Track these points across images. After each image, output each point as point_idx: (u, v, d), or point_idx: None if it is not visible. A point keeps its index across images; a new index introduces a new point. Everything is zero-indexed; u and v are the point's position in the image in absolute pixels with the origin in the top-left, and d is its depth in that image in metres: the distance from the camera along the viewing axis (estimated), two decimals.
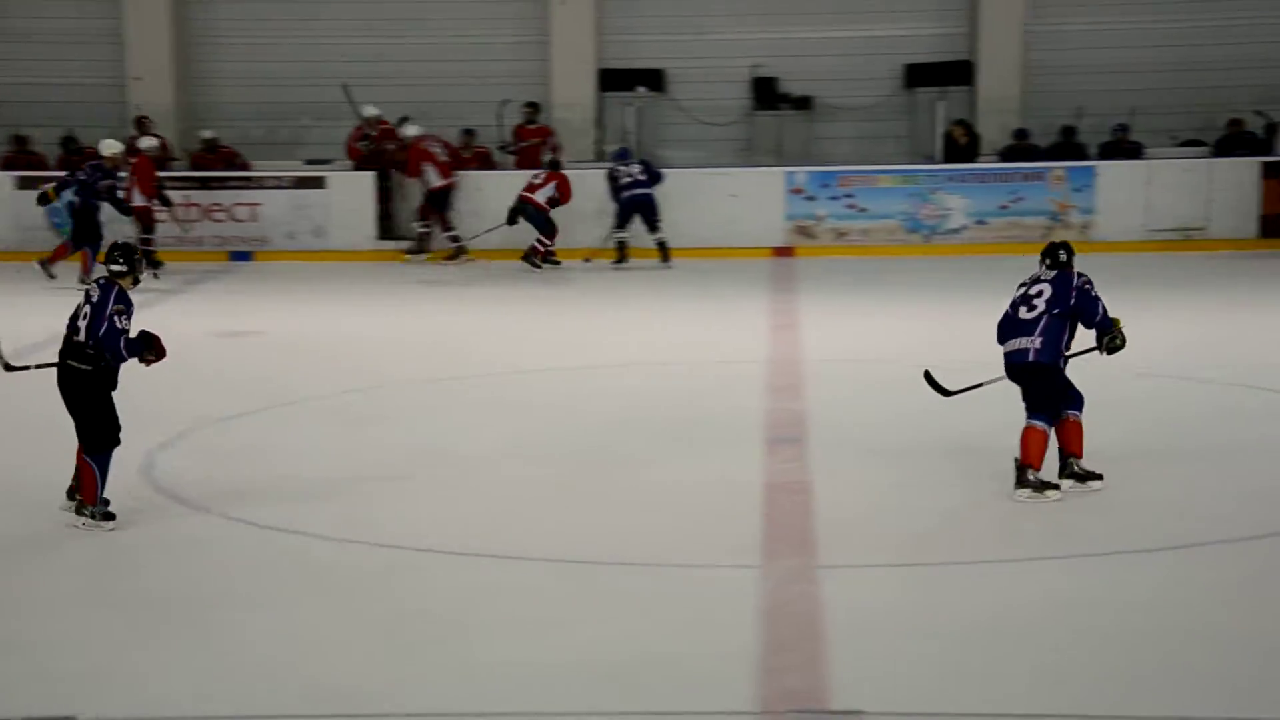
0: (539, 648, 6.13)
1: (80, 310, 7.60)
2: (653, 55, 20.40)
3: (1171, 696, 5.59)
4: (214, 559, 7.34)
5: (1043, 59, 19.99)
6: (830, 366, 11.68)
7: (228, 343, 13.10)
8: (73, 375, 7.57)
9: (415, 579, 7.05)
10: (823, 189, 18.34)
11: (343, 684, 5.80)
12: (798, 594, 6.70)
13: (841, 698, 5.57)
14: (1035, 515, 7.81)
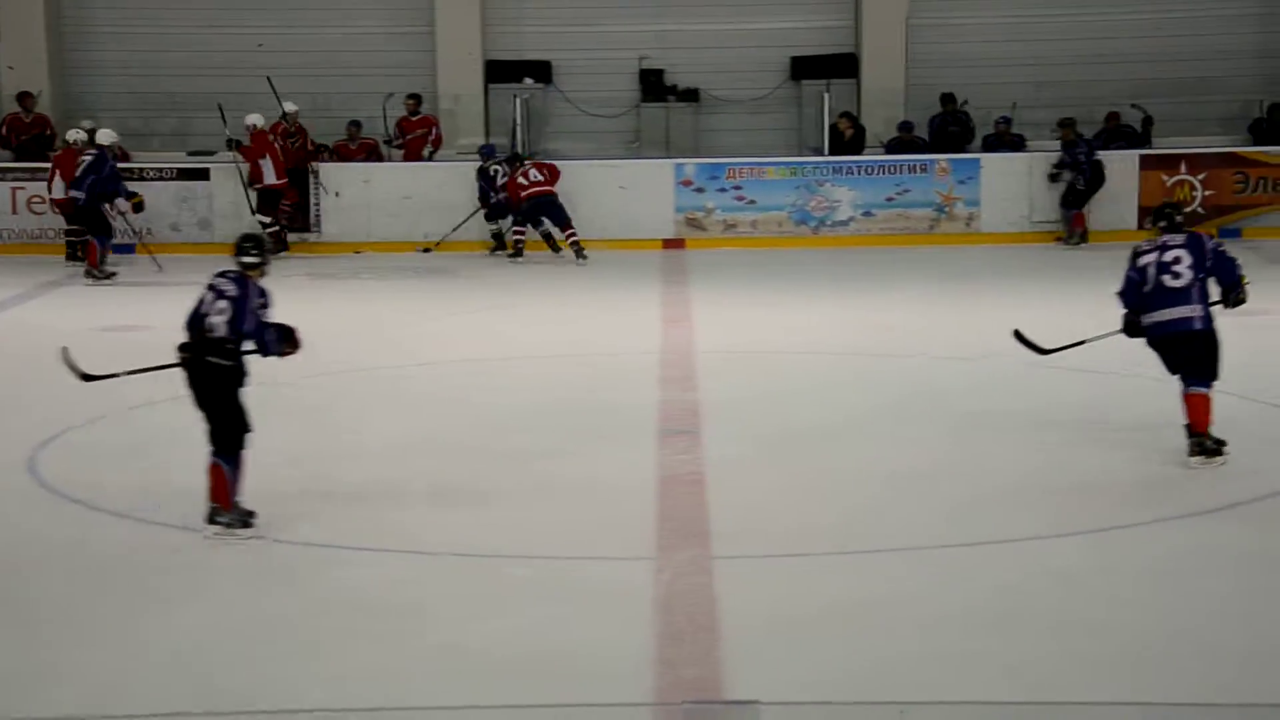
0: (435, 641, 6.11)
1: (207, 306, 7.32)
2: (540, 47, 20.36)
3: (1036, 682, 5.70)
4: (102, 557, 7.23)
5: (926, 52, 20.22)
6: (723, 358, 11.75)
7: (112, 337, 12.88)
8: (211, 372, 7.29)
9: (313, 574, 6.99)
10: (711, 181, 18.42)
11: (240, 682, 5.75)
12: (692, 586, 6.73)
13: (736, 688, 5.61)
14: (925, 503, 7.92)
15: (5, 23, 19.87)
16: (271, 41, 20.12)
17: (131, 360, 11.95)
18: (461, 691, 5.65)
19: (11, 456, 8.81)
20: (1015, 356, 9.35)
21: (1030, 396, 10.20)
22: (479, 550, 7.24)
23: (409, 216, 18.05)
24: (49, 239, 17.86)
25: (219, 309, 7.35)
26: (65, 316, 14.05)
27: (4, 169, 18.34)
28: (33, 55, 19.87)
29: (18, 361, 11.92)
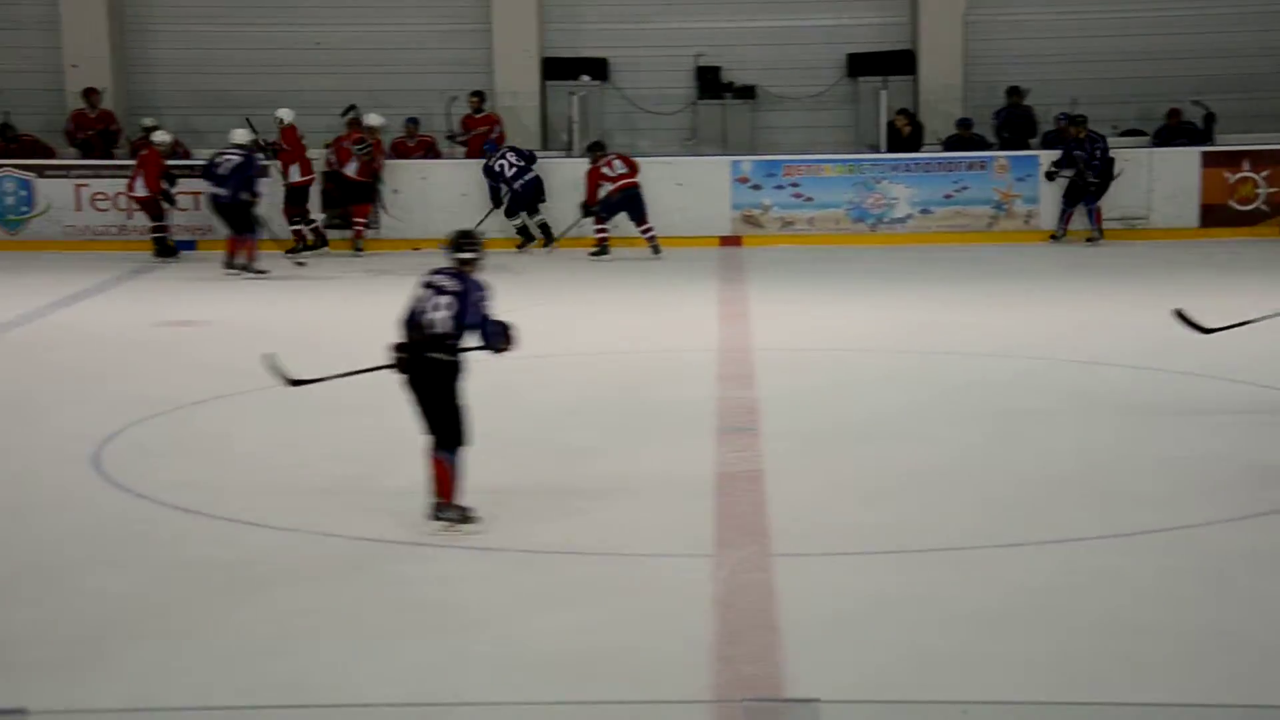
0: (492, 637, 6.12)
1: (424, 303, 7.33)
2: (597, 44, 20.38)
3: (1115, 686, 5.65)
4: (164, 552, 7.29)
5: (984, 48, 20.11)
6: (780, 355, 11.72)
7: (174, 332, 13.00)
8: (434, 369, 7.31)
9: (372, 571, 7.02)
10: (768, 178, 18.39)
11: (295, 677, 5.78)
12: (751, 583, 6.72)
13: (796, 686, 5.59)
14: (980, 503, 7.87)
15: (68, 21, 20.07)
16: (329, 39, 20.25)
17: (188, 354, 12.07)
18: (519, 688, 5.66)
19: (75, 451, 8.89)
20: (1068, 355, 9.28)
21: (1084, 394, 10.13)
22: (535, 546, 7.25)
23: (466, 213, 18.07)
24: (112, 235, 18.04)
25: (441, 305, 7.35)
26: (127, 312, 14.18)
27: (69, 166, 18.51)
28: (95, 53, 20.06)
29: (81, 357, 12.03)
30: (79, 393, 10.62)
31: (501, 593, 6.66)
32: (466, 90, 19.36)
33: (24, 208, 18.18)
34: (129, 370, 11.41)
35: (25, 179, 18.18)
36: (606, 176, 17.19)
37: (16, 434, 9.46)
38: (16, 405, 10.29)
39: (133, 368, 11.52)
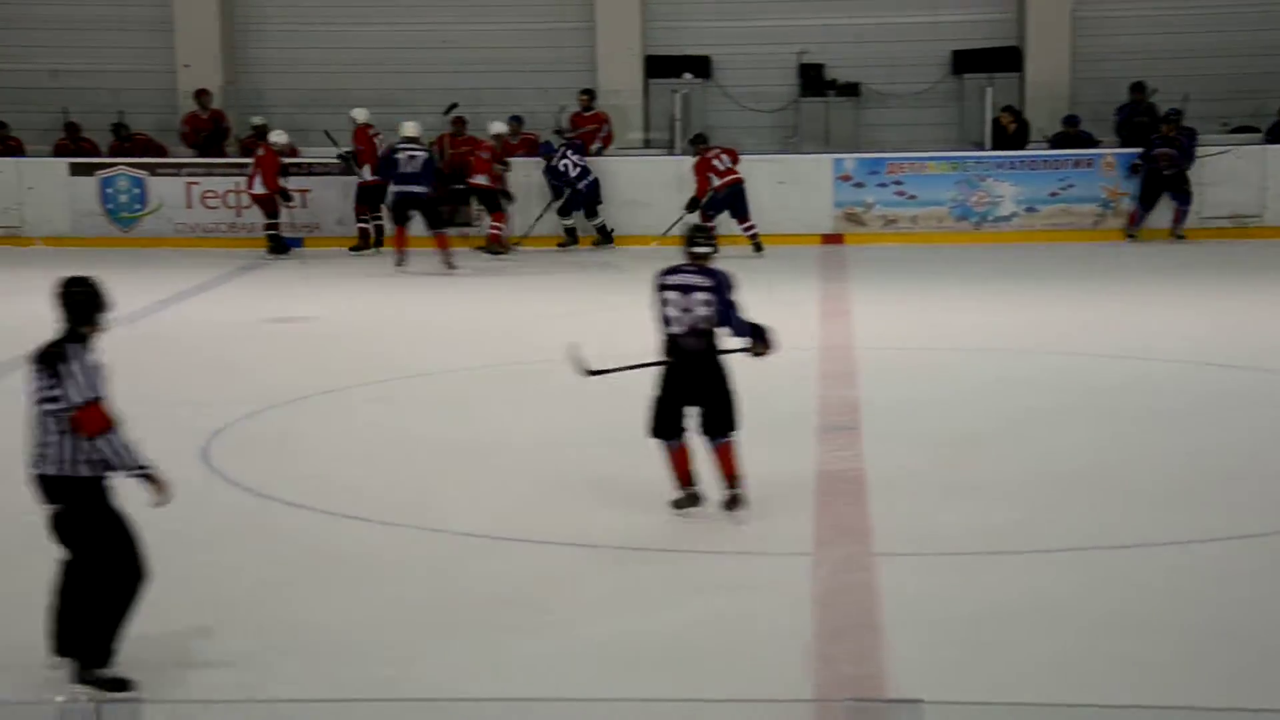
0: (594, 634, 6.15)
1: (678, 303, 7.43)
2: (699, 41, 20.37)
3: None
4: (271, 545, 7.40)
5: (1092, 44, 19.85)
6: (882, 354, 11.66)
7: (278, 329, 13.18)
8: (708, 362, 7.47)
9: (474, 565, 7.08)
10: (871, 176, 18.29)
11: (396, 670, 5.84)
12: (851, 583, 6.70)
13: (898, 686, 5.56)
14: (1086, 505, 7.79)
15: (181, 22, 20.41)
16: (434, 38, 20.41)
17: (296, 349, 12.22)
18: (619, 684, 5.68)
19: (185, 444, 9.03)
20: (1177, 356, 9.15)
21: (1193, 396, 9.98)
22: (636, 543, 7.28)
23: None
24: (221, 232, 18.33)
25: (698, 301, 7.44)
26: (236, 308, 14.41)
27: (180, 164, 18.82)
28: (207, 53, 20.39)
29: (191, 352, 12.23)
30: (189, 387, 10.79)
31: (601, 589, 6.69)
32: (569, 89, 19.44)
33: (137, 206, 18.51)
34: (238, 365, 11.59)
35: (138, 177, 18.52)
36: (715, 170, 17.14)
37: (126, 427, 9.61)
38: (127, 400, 10.45)
39: (241, 363, 11.70)
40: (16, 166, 18.66)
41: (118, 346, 13.02)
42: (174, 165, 18.79)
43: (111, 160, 18.76)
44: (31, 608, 5.85)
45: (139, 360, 11.93)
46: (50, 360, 5.57)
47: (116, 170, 18.56)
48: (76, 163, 18.67)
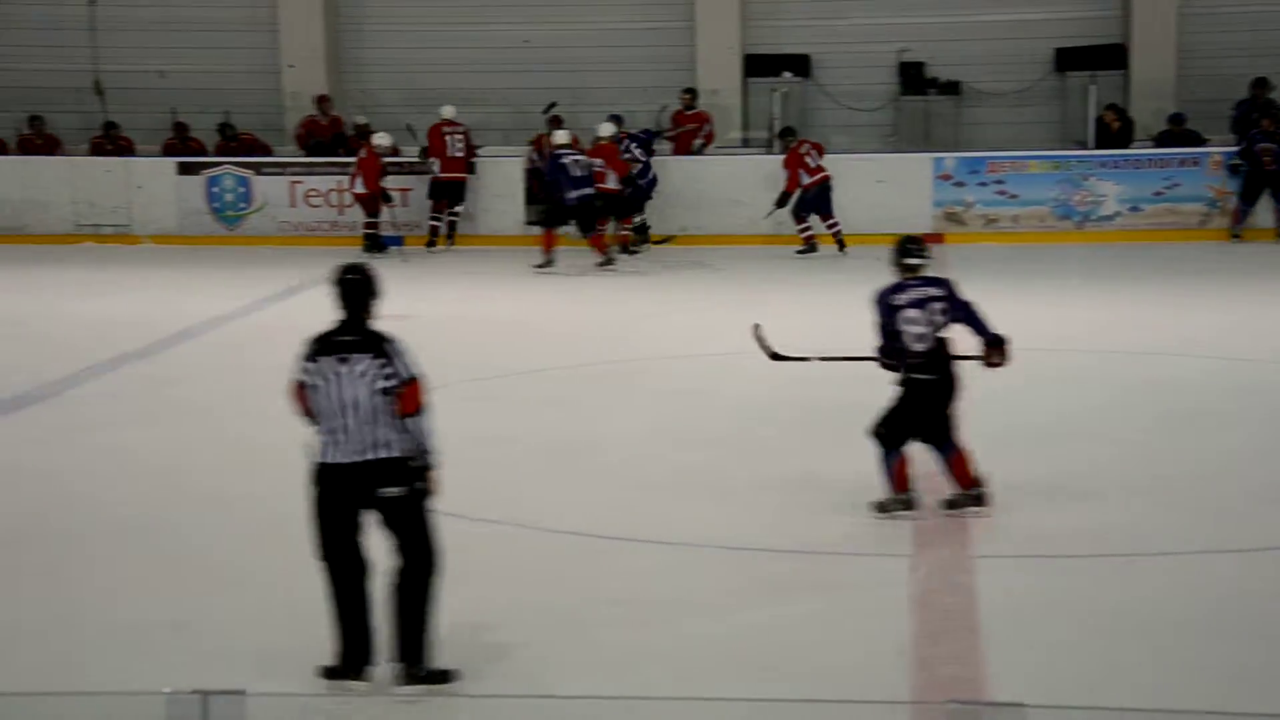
0: (689, 633, 6.16)
1: (922, 316, 7.39)
2: (799, 40, 20.31)
3: None
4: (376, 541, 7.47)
5: (1198, 41, 19.54)
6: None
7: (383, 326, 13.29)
8: (949, 374, 7.43)
9: (574, 563, 7.11)
10: (971, 175, 18.15)
11: (497, 667, 5.88)
12: (949, 584, 6.65)
13: (997, 689, 5.52)
14: (1193, 508, 7.68)
15: (286, 23, 20.68)
16: (535, 37, 20.52)
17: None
18: (715, 683, 5.69)
19: (286, 440, 9.12)
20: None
21: None
22: (734, 543, 7.27)
23: (660, 209, 18.17)
24: (324, 231, 18.54)
25: (936, 310, 7.40)
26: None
27: (285, 164, 19.06)
28: (311, 54, 20.64)
29: (293, 349, 12.35)
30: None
31: (699, 588, 6.70)
32: (668, 88, 19.45)
33: (242, 204, 18.78)
34: None
35: (243, 176, 18.78)
36: (806, 166, 17.07)
37: (232, 425, 9.78)
38: (231, 396, 10.64)
39: None
40: (126, 166, 19.00)
41: (223, 346, 13.29)
42: (278, 165, 19.04)
43: (217, 160, 19.04)
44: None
45: (244, 357, 12.13)
46: (375, 343, 5.62)
47: (222, 169, 18.84)
48: (184, 162, 18.97)
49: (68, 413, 10.16)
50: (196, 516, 7.85)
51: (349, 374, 5.56)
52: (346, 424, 5.54)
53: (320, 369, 5.59)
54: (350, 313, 5.70)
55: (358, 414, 5.53)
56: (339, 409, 5.54)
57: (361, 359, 5.58)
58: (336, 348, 5.62)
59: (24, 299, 14.69)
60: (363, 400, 5.53)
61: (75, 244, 18.36)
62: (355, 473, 5.55)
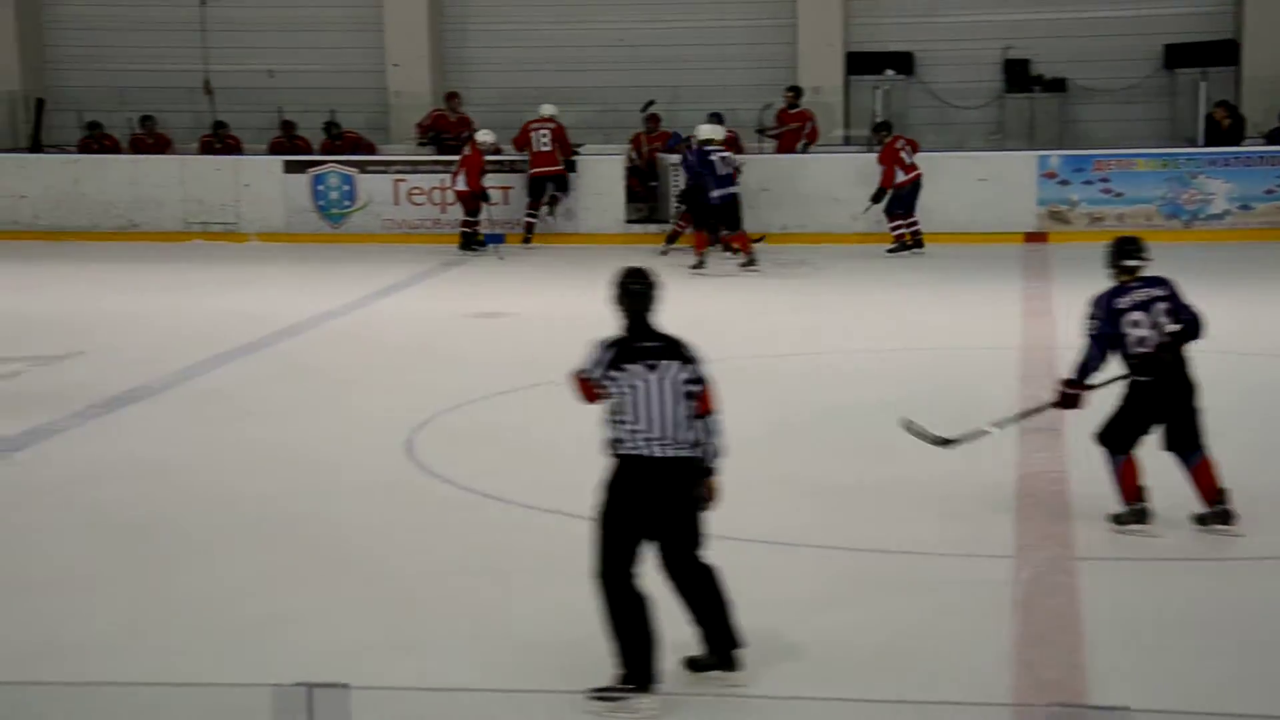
0: (794, 633, 6.14)
1: (1137, 323, 7.28)
2: (902, 37, 20.19)
3: None
4: (471, 537, 7.54)
5: None
6: None
7: (481, 323, 13.40)
8: (1180, 375, 7.27)
9: None
10: (1076, 173, 17.93)
11: (592, 662, 5.90)
12: (1053, 586, 6.59)
13: (1099, 693, 5.46)
14: None
15: (391, 22, 20.89)
16: (635, 36, 20.57)
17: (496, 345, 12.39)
18: (813, 682, 5.67)
19: (388, 437, 9.25)
20: None
21: None
22: (837, 542, 7.25)
23: (766, 209, 18.14)
24: (426, 229, 18.69)
25: (1162, 310, 7.31)
26: (439, 303, 14.68)
27: (388, 162, 19.25)
28: (415, 53, 20.84)
29: (395, 346, 12.51)
30: (393, 380, 11.05)
31: (802, 587, 6.69)
32: (769, 85, 19.41)
33: (346, 202, 18.98)
34: (441, 359, 11.82)
35: (348, 174, 18.98)
36: (901, 162, 16.96)
37: (334, 419, 9.90)
38: (335, 392, 10.77)
39: (444, 357, 11.93)
40: (234, 165, 19.28)
41: (326, 340, 13.47)
42: (382, 163, 19.22)
43: (323, 158, 19.27)
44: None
45: (345, 353, 12.28)
46: (678, 349, 5.76)
47: (328, 168, 19.05)
48: (290, 160, 19.21)
49: (181, 408, 10.33)
50: (302, 509, 7.95)
51: (658, 379, 5.66)
52: (661, 425, 5.62)
53: (629, 376, 5.67)
54: (642, 319, 5.81)
55: (669, 416, 5.62)
56: (653, 413, 5.63)
57: (670, 365, 5.69)
58: (642, 354, 5.71)
59: (138, 296, 14.96)
60: (670, 403, 5.63)
61: (184, 242, 18.66)
62: (668, 468, 5.63)
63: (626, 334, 5.78)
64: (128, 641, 6.21)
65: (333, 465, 8.82)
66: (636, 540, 5.62)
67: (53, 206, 19.12)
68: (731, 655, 5.68)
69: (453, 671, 5.86)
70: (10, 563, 7.18)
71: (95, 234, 18.89)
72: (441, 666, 5.91)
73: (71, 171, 19.32)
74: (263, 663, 5.86)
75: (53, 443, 9.32)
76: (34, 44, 21.49)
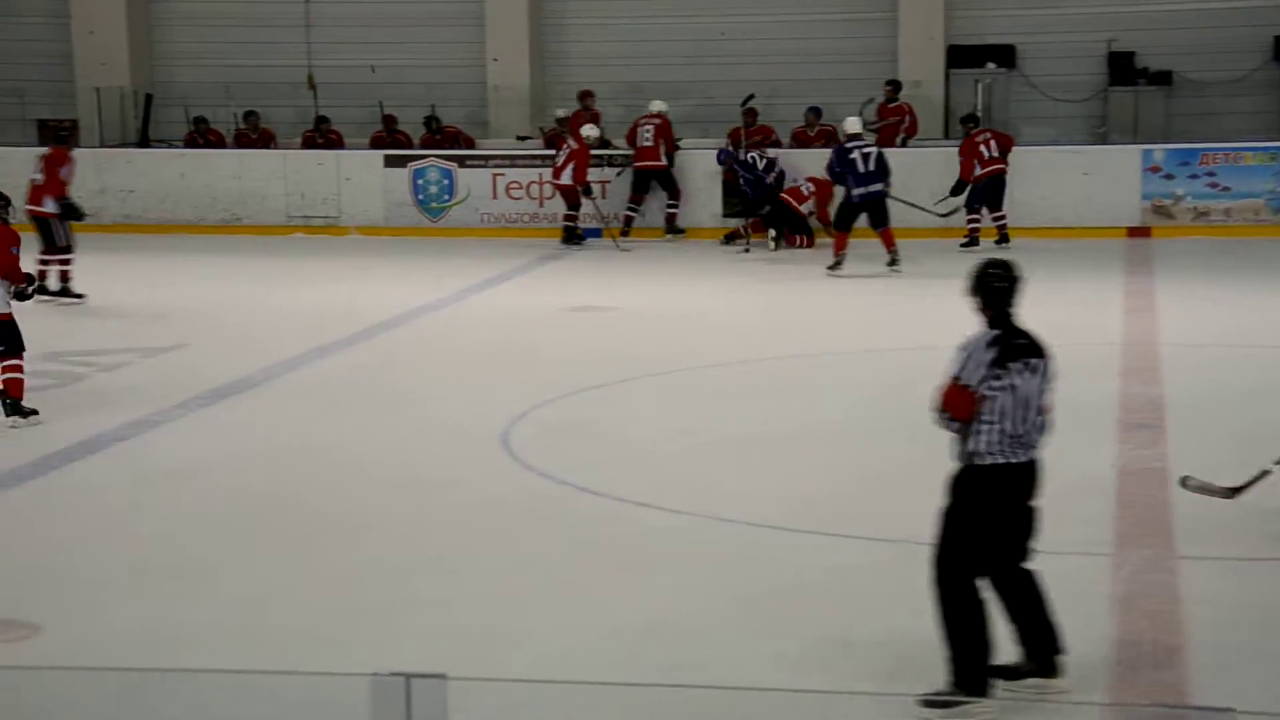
0: (881, 629, 6.12)
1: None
2: (1003, 30, 19.99)
3: None
4: (564, 531, 7.58)
5: None
6: (1189, 351, 11.27)
7: (578, 317, 13.45)
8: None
9: (765, 556, 7.12)
10: (1182, 167, 17.65)
11: (691, 656, 5.92)
12: (1153, 585, 6.51)
13: (1202, 694, 5.39)
14: None
15: (492, 18, 21.01)
16: (732, 29, 20.53)
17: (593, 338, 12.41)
18: (903, 679, 5.65)
19: (485, 429, 9.32)
20: None
21: None
22: (928, 539, 7.20)
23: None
24: (524, 223, 18.79)
25: None
26: (537, 297, 14.75)
27: (487, 156, 19.36)
28: (515, 48, 20.94)
29: (493, 339, 12.59)
30: (489, 373, 11.12)
31: (891, 584, 6.65)
32: (869, 80, 19.28)
33: (446, 196, 19.12)
34: (538, 353, 11.88)
35: (448, 169, 19.12)
36: (981, 156, 16.80)
37: (432, 412, 9.98)
38: (433, 385, 10.87)
39: (542, 350, 11.99)
40: (336, 159, 19.48)
41: (424, 333, 13.59)
42: (481, 157, 19.34)
43: (423, 152, 19.42)
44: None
45: (443, 346, 12.38)
46: (1043, 348, 5.60)
47: (427, 162, 19.20)
48: (391, 155, 19.38)
49: (283, 399, 10.47)
50: (398, 501, 8.03)
51: (1032, 378, 5.49)
52: (1029, 425, 5.48)
53: (1009, 375, 5.45)
54: (1009, 313, 5.57)
55: (1034, 415, 5.49)
56: (1025, 412, 5.46)
57: (1040, 363, 5.55)
58: (1021, 352, 5.50)
59: (242, 289, 15.17)
60: (1034, 403, 5.49)
61: (286, 235, 18.89)
62: (1028, 474, 5.52)
63: (1002, 331, 5.52)
64: (232, 630, 6.31)
65: (429, 458, 8.90)
66: (989, 548, 5.47)
67: (160, 200, 19.43)
68: (1054, 661, 5.48)
69: (548, 663, 5.89)
70: (120, 550, 7.32)
71: (200, 227, 19.19)
72: (537, 658, 5.95)
73: (178, 166, 19.63)
74: (364, 651, 5.93)
75: (159, 433, 9.48)
76: (143, 40, 21.86)
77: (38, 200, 14.19)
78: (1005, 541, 5.49)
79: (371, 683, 3.46)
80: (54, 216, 14.22)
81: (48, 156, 14.50)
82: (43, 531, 7.61)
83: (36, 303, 10.62)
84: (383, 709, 3.45)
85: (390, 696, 3.45)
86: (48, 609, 6.48)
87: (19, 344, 9.55)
